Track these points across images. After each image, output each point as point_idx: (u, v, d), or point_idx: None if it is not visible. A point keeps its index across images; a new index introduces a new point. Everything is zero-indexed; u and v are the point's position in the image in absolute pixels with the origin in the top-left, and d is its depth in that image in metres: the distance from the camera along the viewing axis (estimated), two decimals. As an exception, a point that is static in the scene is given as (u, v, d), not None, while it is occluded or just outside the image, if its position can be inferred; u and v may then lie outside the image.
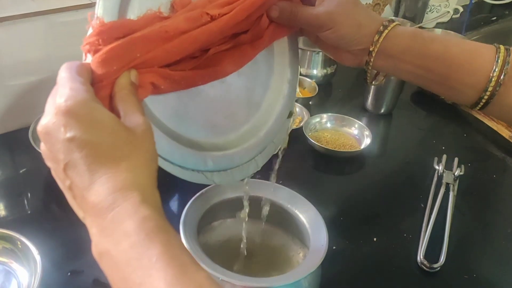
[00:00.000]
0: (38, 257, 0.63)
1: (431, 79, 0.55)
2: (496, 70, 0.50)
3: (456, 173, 0.90)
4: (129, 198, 0.34)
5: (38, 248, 0.64)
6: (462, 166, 0.92)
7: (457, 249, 0.77)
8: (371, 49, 0.54)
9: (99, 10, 0.40)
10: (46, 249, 0.66)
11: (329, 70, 1.20)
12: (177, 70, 0.44)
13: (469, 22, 1.66)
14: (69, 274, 0.68)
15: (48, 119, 0.36)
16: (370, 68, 0.56)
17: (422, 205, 0.85)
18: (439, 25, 1.61)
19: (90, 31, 0.40)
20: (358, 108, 1.15)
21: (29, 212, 0.79)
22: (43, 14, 0.88)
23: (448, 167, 0.93)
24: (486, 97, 0.52)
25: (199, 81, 0.47)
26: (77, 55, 0.41)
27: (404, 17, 1.56)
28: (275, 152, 0.60)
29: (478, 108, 0.54)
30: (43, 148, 0.37)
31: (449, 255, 0.75)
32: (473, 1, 1.72)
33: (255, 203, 0.65)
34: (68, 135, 0.34)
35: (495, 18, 1.80)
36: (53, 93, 0.37)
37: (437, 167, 0.93)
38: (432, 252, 0.75)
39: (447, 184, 0.89)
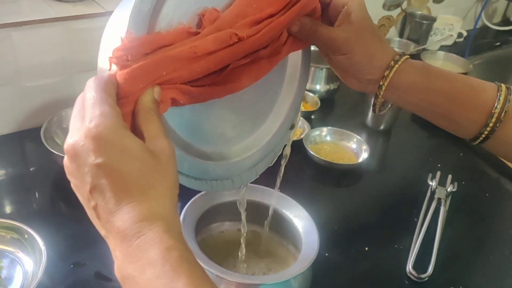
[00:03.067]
0: (43, 248, 0.66)
1: (435, 112, 0.57)
2: (498, 107, 0.53)
3: (448, 189, 0.93)
4: (154, 227, 0.35)
5: (44, 240, 0.67)
6: (455, 183, 0.95)
7: (445, 261, 0.80)
8: (381, 83, 0.55)
9: (129, 23, 0.40)
10: (52, 241, 0.68)
11: (332, 86, 1.24)
12: (197, 86, 0.44)
13: (473, 47, 1.68)
14: (72, 265, 0.70)
15: (76, 140, 0.35)
16: (379, 100, 0.58)
17: (416, 219, 0.88)
18: (442, 48, 1.63)
19: (118, 41, 0.39)
20: (359, 124, 1.18)
21: (37, 206, 0.83)
22: (60, 20, 0.91)
23: (442, 183, 0.96)
24: (486, 132, 0.54)
25: (216, 95, 0.47)
26: (90, 60, 0.43)
27: (408, 38, 1.60)
28: (274, 161, 0.61)
29: (477, 142, 0.56)
30: (67, 164, 0.37)
31: (437, 267, 0.77)
32: (477, 26, 1.75)
33: (254, 208, 0.68)
34: (98, 161, 0.35)
35: (498, 43, 1.83)
36: (79, 109, 0.37)
37: (430, 183, 0.96)
38: (421, 263, 0.78)
39: (439, 199, 0.91)
